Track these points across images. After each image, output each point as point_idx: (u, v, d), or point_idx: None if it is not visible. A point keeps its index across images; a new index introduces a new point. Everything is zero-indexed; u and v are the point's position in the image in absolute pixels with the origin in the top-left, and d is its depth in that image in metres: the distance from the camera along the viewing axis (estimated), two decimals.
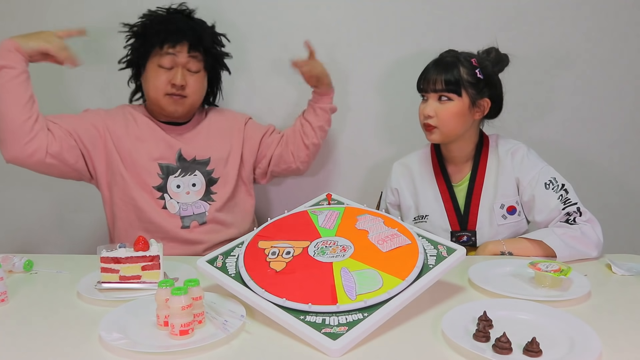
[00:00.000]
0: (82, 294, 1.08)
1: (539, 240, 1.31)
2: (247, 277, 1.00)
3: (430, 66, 1.44)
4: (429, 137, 1.46)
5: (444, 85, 1.39)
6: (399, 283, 0.96)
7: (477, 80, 1.41)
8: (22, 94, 1.35)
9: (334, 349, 0.85)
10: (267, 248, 1.08)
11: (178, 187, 1.56)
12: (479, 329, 0.88)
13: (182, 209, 1.55)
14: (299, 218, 1.18)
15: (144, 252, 1.11)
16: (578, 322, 0.92)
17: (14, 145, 1.36)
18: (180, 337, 0.89)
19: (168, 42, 1.50)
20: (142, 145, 1.55)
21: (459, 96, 1.40)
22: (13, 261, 1.24)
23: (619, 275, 1.21)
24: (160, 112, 1.57)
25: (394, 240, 1.07)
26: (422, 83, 1.44)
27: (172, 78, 1.51)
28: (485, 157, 1.49)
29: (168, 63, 1.51)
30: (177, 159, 1.57)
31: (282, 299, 0.94)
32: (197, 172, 1.58)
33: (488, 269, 1.20)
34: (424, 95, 1.45)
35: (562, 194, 1.38)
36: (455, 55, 1.43)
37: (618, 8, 1.82)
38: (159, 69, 1.51)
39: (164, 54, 1.50)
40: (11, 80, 1.34)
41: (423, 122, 1.45)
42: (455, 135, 1.44)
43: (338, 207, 1.20)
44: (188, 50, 1.51)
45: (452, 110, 1.40)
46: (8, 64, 1.33)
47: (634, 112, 1.94)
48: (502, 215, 1.45)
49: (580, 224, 1.34)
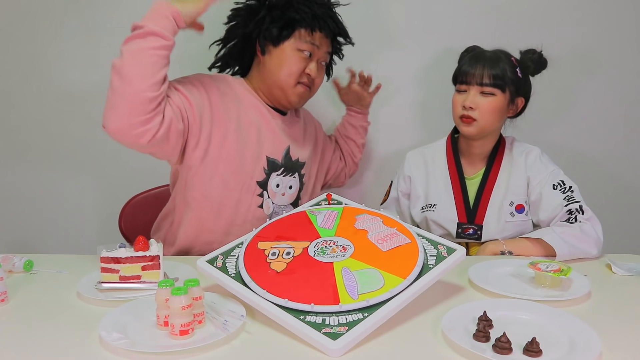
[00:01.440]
0: (82, 294, 1.08)
1: (538, 239, 1.32)
2: (247, 278, 1.00)
3: (473, 59, 1.43)
4: (466, 129, 1.45)
5: (491, 80, 1.40)
6: (401, 282, 0.96)
7: (517, 79, 1.43)
8: (161, 69, 1.18)
9: (334, 349, 0.85)
10: (266, 249, 1.08)
11: (277, 187, 1.47)
12: (479, 329, 0.88)
13: (274, 212, 1.47)
14: (297, 218, 1.18)
15: (144, 252, 1.11)
16: (578, 322, 0.92)
17: (125, 118, 1.16)
18: (180, 337, 0.89)
19: (323, 30, 1.40)
20: (253, 134, 1.42)
21: (503, 92, 1.41)
22: (13, 261, 1.24)
23: (619, 275, 1.21)
24: (277, 97, 1.45)
25: (394, 239, 1.07)
26: (464, 75, 1.43)
27: (307, 67, 1.41)
28: (501, 156, 1.51)
29: (308, 49, 1.40)
30: (284, 156, 1.48)
31: (284, 299, 0.94)
32: (296, 175, 1.51)
33: (488, 269, 1.20)
34: (464, 88, 1.44)
35: (568, 195, 1.40)
36: (496, 51, 1.45)
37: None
38: (298, 52, 1.39)
39: (307, 40, 1.39)
40: (158, 50, 1.17)
41: (461, 113, 1.44)
42: (490, 130, 1.46)
43: (337, 207, 1.20)
44: (331, 45, 1.46)
45: (494, 104, 1.41)
46: (161, 32, 1.16)
47: (635, 113, 1.94)
48: (511, 212, 1.46)
49: (581, 222, 1.34)
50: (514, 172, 1.48)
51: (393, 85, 1.90)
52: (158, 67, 1.18)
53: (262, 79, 1.45)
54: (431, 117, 1.93)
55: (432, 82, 1.90)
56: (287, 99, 1.44)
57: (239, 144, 1.39)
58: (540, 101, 1.90)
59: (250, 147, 1.41)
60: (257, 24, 1.40)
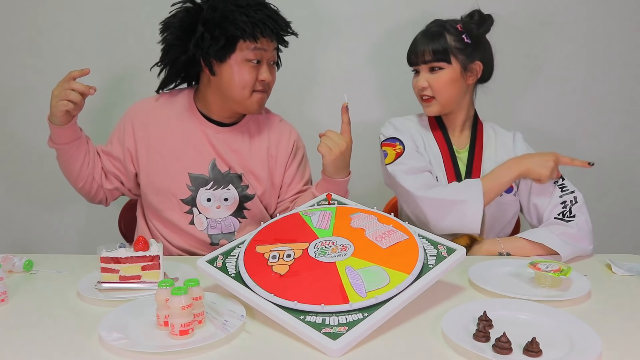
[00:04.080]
0: (82, 294, 1.08)
1: (538, 242, 1.31)
2: (252, 283, 0.99)
3: (417, 39, 1.45)
4: (428, 110, 1.48)
5: (432, 56, 1.41)
6: (406, 277, 0.97)
7: (464, 45, 1.42)
8: (74, 163, 1.42)
9: (334, 349, 0.85)
10: (265, 252, 1.07)
11: (208, 201, 1.44)
12: (479, 329, 0.88)
13: (210, 226, 1.45)
14: (292, 220, 1.17)
15: (144, 252, 1.11)
16: (578, 322, 0.92)
17: (85, 198, 1.51)
18: (180, 337, 0.89)
19: (265, 34, 1.33)
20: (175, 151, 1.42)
21: (449, 64, 1.42)
22: (13, 261, 1.24)
23: (619, 275, 1.21)
24: (234, 109, 1.43)
25: (392, 236, 1.08)
26: (411, 57, 1.46)
27: (259, 74, 1.37)
28: (481, 127, 1.53)
29: (255, 57, 1.35)
30: (211, 169, 1.44)
31: (293, 302, 0.93)
32: (231, 187, 1.45)
33: (488, 269, 1.20)
34: (416, 69, 1.47)
35: (560, 182, 1.41)
36: (441, 24, 1.45)
37: None
38: (246, 63, 1.35)
39: (252, 49, 1.34)
40: (60, 156, 1.42)
41: (419, 94, 1.47)
42: (454, 103, 1.46)
43: (330, 207, 1.20)
44: (277, 43, 1.39)
45: (444, 78, 1.42)
46: (50, 143, 1.40)
47: (635, 112, 1.94)
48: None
49: (575, 215, 1.35)
50: (501, 151, 1.49)
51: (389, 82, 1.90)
52: (71, 165, 1.42)
53: (215, 94, 1.42)
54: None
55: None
56: (247, 109, 1.43)
57: (155, 168, 1.43)
58: (533, 99, 1.91)
59: (168, 168, 1.42)
60: (197, 44, 1.34)
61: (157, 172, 1.43)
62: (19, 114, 2.02)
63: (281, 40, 1.41)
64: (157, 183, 1.43)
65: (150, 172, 1.43)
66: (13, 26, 1.94)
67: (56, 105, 1.29)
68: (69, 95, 1.27)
